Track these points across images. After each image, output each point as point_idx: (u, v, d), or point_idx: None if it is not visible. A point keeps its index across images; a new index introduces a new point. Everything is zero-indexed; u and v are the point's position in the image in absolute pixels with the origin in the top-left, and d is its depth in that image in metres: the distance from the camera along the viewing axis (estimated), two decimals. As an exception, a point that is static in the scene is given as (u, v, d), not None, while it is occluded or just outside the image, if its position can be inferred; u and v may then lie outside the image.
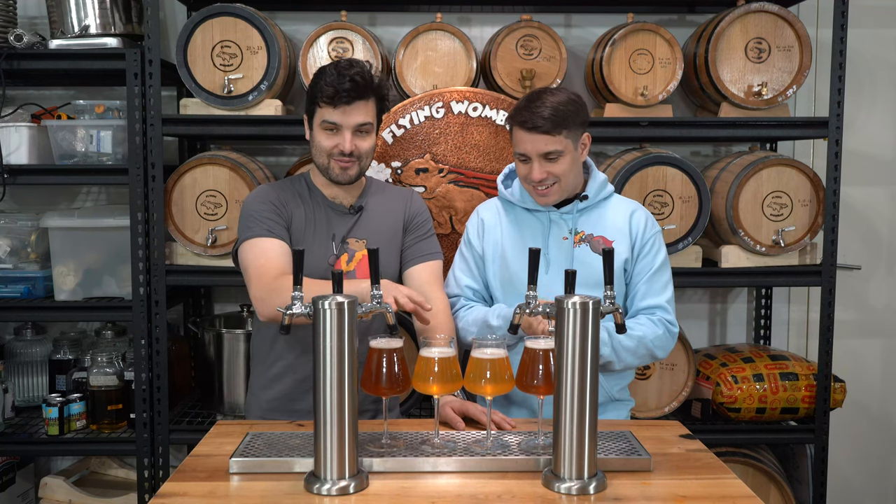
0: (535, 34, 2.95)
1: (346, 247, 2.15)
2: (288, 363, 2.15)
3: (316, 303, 1.53)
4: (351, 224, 2.17)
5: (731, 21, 2.88)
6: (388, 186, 2.35)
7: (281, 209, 2.12)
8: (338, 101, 2.03)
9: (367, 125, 2.08)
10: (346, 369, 1.53)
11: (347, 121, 2.05)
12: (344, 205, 2.19)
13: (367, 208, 2.20)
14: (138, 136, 2.79)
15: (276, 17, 3.26)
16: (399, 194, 2.28)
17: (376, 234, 2.17)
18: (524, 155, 2.05)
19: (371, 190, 2.26)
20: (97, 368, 2.88)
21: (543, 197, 2.09)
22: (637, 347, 2.06)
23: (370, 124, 2.09)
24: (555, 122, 1.99)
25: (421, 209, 2.27)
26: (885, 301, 3.56)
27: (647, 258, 2.12)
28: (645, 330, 2.07)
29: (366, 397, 1.92)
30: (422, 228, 2.24)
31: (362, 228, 2.18)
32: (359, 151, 2.09)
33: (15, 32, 2.78)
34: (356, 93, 2.03)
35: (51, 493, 2.96)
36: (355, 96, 2.03)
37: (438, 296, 2.15)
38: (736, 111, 2.93)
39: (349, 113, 2.04)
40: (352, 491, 1.53)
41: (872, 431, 3.59)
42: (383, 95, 2.13)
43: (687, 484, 1.59)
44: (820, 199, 2.91)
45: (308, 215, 2.16)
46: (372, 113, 2.09)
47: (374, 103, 2.09)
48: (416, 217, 2.24)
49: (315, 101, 2.08)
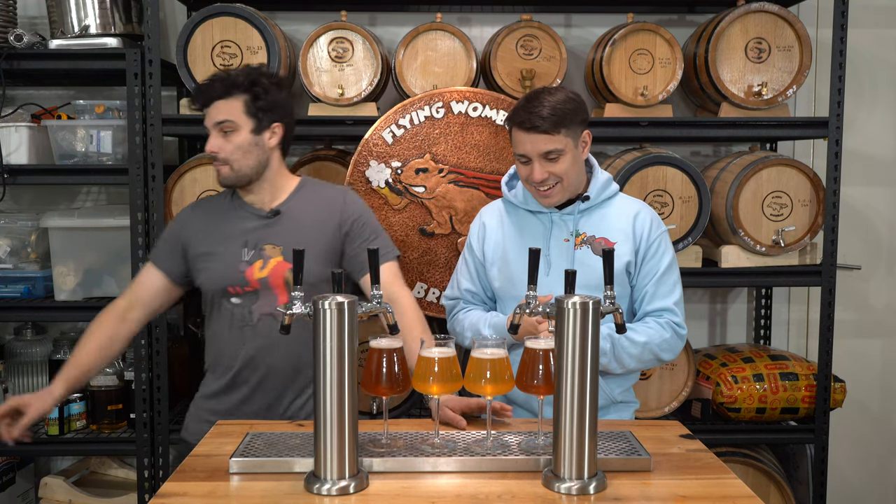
0: (535, 34, 2.95)
1: (262, 253, 2.11)
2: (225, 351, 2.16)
3: (316, 303, 1.53)
4: (266, 230, 2.13)
5: (731, 21, 2.88)
6: (321, 188, 2.25)
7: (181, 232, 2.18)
8: (199, 102, 2.09)
9: (228, 123, 2.05)
10: (346, 369, 1.53)
11: (209, 121, 2.07)
12: (263, 209, 2.15)
13: (287, 212, 2.14)
14: (138, 136, 2.79)
15: (276, 17, 3.26)
16: (329, 198, 2.19)
17: (296, 239, 2.07)
18: (524, 156, 2.04)
19: (301, 192, 2.19)
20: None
21: (546, 198, 2.08)
22: (642, 353, 2.05)
23: (230, 121, 2.05)
24: (553, 121, 1.98)
25: (358, 212, 2.19)
26: (885, 301, 3.56)
27: (653, 260, 2.10)
28: (651, 334, 2.05)
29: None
30: (366, 231, 2.18)
31: (279, 234, 2.12)
32: (224, 153, 2.06)
33: (15, 32, 2.78)
34: (212, 92, 2.05)
35: (51, 493, 2.96)
36: (213, 96, 2.05)
37: (403, 293, 2.14)
38: (736, 111, 2.93)
39: (210, 114, 2.07)
40: (352, 491, 1.53)
41: (872, 431, 3.59)
42: (255, 93, 2.07)
43: (687, 484, 1.59)
44: (820, 199, 2.91)
45: (223, 225, 2.15)
46: (236, 111, 2.06)
47: (241, 101, 2.06)
48: (354, 221, 2.17)
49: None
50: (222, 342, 2.15)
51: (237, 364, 2.13)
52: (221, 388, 2.16)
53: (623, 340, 2.02)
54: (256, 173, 2.12)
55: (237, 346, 2.13)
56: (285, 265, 2.09)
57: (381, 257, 2.10)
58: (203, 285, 2.17)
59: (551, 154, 2.01)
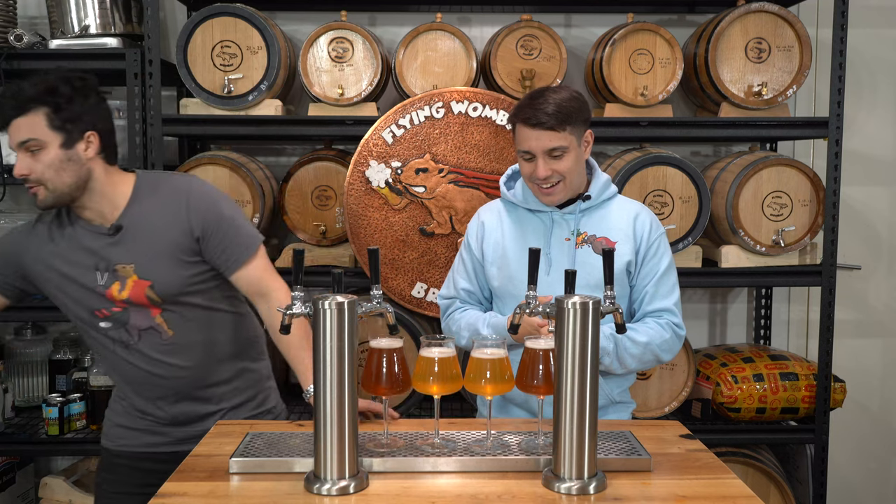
0: (535, 34, 2.95)
1: (116, 274, 1.94)
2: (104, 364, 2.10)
3: (316, 303, 1.53)
4: (113, 248, 1.94)
5: (731, 21, 2.88)
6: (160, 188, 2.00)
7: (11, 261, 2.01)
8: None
9: (32, 141, 1.84)
10: (346, 369, 1.53)
11: (12, 142, 1.86)
12: (103, 225, 1.96)
13: (130, 226, 1.95)
14: (138, 136, 2.79)
15: (276, 17, 3.26)
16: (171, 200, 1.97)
17: (145, 254, 1.94)
18: (528, 152, 2.04)
19: (138, 197, 1.97)
20: (97, 368, 2.88)
21: (548, 196, 2.07)
22: (643, 353, 2.05)
23: (35, 140, 1.84)
24: (559, 118, 1.98)
25: (207, 212, 1.96)
26: (885, 301, 3.56)
27: (652, 261, 2.10)
28: (652, 334, 2.05)
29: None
30: (221, 229, 1.97)
31: (127, 251, 1.94)
32: (35, 174, 1.86)
33: (15, 32, 2.78)
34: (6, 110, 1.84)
35: (51, 493, 2.96)
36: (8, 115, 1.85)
37: (276, 286, 2.02)
38: (736, 111, 2.93)
39: (11, 134, 1.86)
40: (352, 491, 1.53)
41: (872, 431, 3.59)
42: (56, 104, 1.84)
43: (687, 484, 1.59)
44: (820, 199, 2.91)
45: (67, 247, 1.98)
46: (39, 127, 1.84)
47: (43, 114, 1.84)
48: (207, 224, 1.95)
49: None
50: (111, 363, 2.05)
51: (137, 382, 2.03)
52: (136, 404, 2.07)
53: (625, 341, 2.02)
54: (78, 189, 1.90)
55: (126, 365, 2.01)
56: (143, 283, 1.94)
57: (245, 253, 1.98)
58: (64, 310, 2.05)
59: (556, 151, 2.01)
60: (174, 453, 1.99)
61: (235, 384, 2.09)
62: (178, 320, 1.99)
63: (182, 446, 1.99)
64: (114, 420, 2.12)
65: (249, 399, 2.12)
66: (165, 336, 1.98)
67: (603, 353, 2.00)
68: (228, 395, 2.08)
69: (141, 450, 2.06)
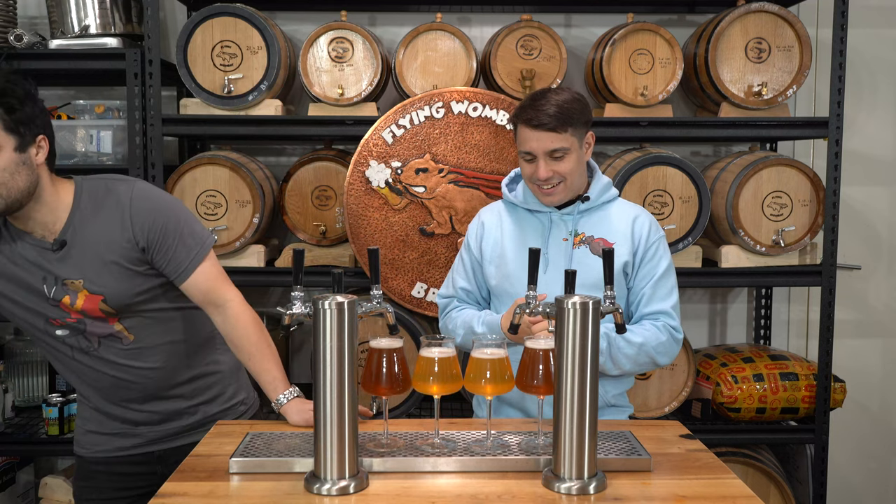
0: (535, 34, 2.95)
1: (66, 288, 1.87)
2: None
3: (316, 303, 1.53)
4: (59, 264, 1.86)
5: (731, 21, 2.88)
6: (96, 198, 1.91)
7: None
8: None
9: None
10: (346, 369, 1.53)
11: None
12: (46, 239, 1.87)
13: (74, 240, 1.87)
14: (138, 136, 2.79)
15: (276, 17, 3.26)
16: (113, 212, 1.88)
17: (92, 268, 1.87)
18: (529, 153, 2.04)
19: (79, 207, 1.88)
20: None
21: (548, 196, 2.08)
22: (637, 355, 2.04)
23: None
24: (560, 119, 1.99)
25: (149, 223, 1.88)
26: (885, 301, 3.56)
27: (651, 263, 2.10)
28: (647, 336, 2.04)
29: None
30: (167, 239, 1.89)
31: (74, 266, 1.87)
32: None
33: (15, 32, 2.78)
34: None
35: (51, 493, 2.96)
36: None
37: (231, 295, 1.95)
38: (736, 111, 2.94)
39: None
40: (352, 491, 1.53)
41: (872, 431, 3.59)
42: (9, 105, 1.74)
43: (687, 484, 1.59)
44: (820, 199, 2.91)
45: (13, 261, 1.88)
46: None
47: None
48: (150, 233, 1.88)
49: None
50: (71, 369, 1.97)
51: (103, 387, 1.97)
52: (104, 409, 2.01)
53: (619, 341, 2.02)
54: (27, 196, 1.80)
55: (89, 371, 1.95)
56: (95, 297, 1.88)
57: (193, 262, 1.91)
58: (15, 321, 1.96)
59: (557, 152, 2.01)
60: (149, 454, 2.00)
61: (203, 380, 2.05)
62: (137, 325, 1.94)
63: (156, 446, 2.00)
64: (84, 427, 2.06)
65: (219, 393, 2.08)
66: (127, 341, 1.94)
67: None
68: (198, 391, 2.04)
69: (115, 454, 2.02)
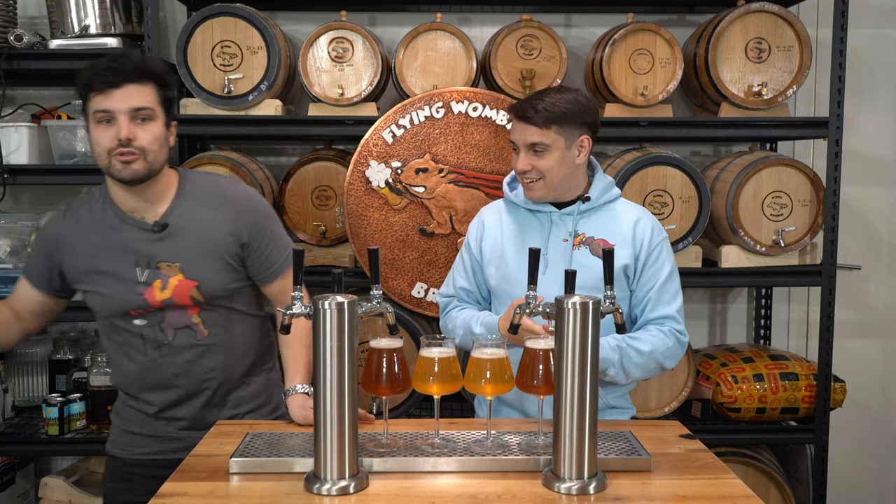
0: (535, 34, 2.95)
1: (159, 272, 1.90)
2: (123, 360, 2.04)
3: (316, 303, 1.53)
4: (157, 245, 1.91)
5: (731, 21, 2.88)
6: (205, 186, 2.00)
7: (54, 251, 1.97)
8: (105, 83, 1.80)
9: (147, 110, 1.83)
10: (346, 369, 1.53)
11: (120, 105, 1.80)
12: (146, 220, 1.92)
13: (176, 224, 1.92)
14: (138, 136, 2.78)
15: (276, 17, 3.26)
16: (219, 200, 1.98)
17: (191, 254, 1.92)
18: (514, 144, 2.09)
19: (184, 196, 1.96)
20: (97, 368, 2.88)
21: (529, 191, 2.10)
22: (647, 362, 2.03)
23: (150, 109, 1.83)
24: (546, 116, 2.00)
25: (254, 218, 1.98)
26: (885, 301, 3.56)
27: (654, 267, 2.09)
28: (655, 343, 2.04)
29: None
30: (265, 239, 1.99)
31: (173, 250, 1.91)
32: (140, 142, 1.82)
33: (15, 32, 2.78)
34: (122, 73, 1.80)
35: (51, 493, 2.96)
36: (124, 78, 1.80)
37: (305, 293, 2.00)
38: (736, 111, 2.93)
39: (121, 97, 1.80)
40: (352, 491, 1.53)
41: (872, 431, 3.59)
42: (164, 81, 1.87)
43: (687, 484, 1.59)
44: (820, 199, 2.91)
45: (103, 241, 1.93)
46: (152, 98, 1.84)
47: (154, 89, 1.85)
48: (254, 232, 1.98)
49: (85, 94, 1.84)
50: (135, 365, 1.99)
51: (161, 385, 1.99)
52: (153, 411, 2.03)
53: (630, 351, 2.01)
54: (159, 171, 1.89)
55: (155, 366, 1.97)
56: (188, 283, 1.92)
57: (282, 267, 2.01)
58: (95, 308, 1.99)
59: (537, 147, 2.03)
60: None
61: (253, 388, 2.10)
62: (214, 320, 1.98)
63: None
64: (124, 427, 2.08)
65: (264, 403, 2.12)
66: (200, 335, 1.97)
67: (608, 364, 1.99)
68: (247, 400, 2.08)
69: (154, 457, 2.03)
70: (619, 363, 2.01)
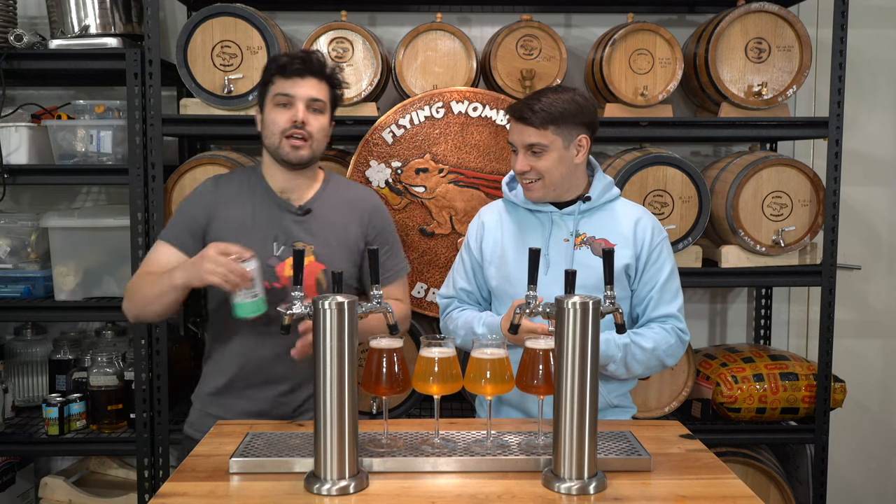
0: (535, 34, 2.95)
1: (290, 250, 2.03)
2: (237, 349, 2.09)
3: (316, 303, 1.53)
4: (297, 226, 2.09)
5: (731, 21, 2.88)
6: (347, 188, 2.23)
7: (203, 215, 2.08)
8: (290, 71, 2.02)
9: (320, 102, 2.05)
10: (346, 369, 1.53)
11: (300, 92, 2.03)
12: (293, 202, 2.11)
13: (318, 211, 2.11)
14: (138, 136, 2.79)
15: (276, 17, 3.26)
16: (359, 202, 2.18)
17: (326, 240, 2.09)
18: (512, 145, 2.09)
19: (329, 187, 2.17)
20: (97, 368, 2.88)
21: (528, 191, 2.11)
22: (649, 359, 2.05)
23: (322, 102, 2.06)
24: (544, 116, 2.00)
25: (386, 223, 2.20)
26: (885, 301, 3.56)
27: (655, 266, 2.10)
28: (658, 340, 2.05)
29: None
30: (387, 243, 2.19)
31: (310, 233, 2.09)
32: (311, 128, 2.04)
33: (15, 32, 2.77)
34: (308, 66, 2.03)
35: (51, 493, 2.96)
36: (308, 70, 2.03)
37: (401, 308, 2.18)
38: (736, 111, 2.93)
39: (302, 85, 2.03)
40: (352, 491, 1.53)
41: (872, 431, 3.59)
42: (336, 82, 2.10)
43: (687, 484, 1.59)
44: (820, 199, 2.91)
45: (250, 213, 2.09)
46: (325, 93, 2.07)
47: (328, 87, 2.08)
48: (381, 233, 2.18)
49: (268, 79, 2.06)
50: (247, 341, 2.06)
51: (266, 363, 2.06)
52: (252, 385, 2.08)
53: (633, 347, 2.02)
54: (317, 160, 2.13)
55: (264, 345, 2.05)
56: (317, 266, 2.07)
57: (397, 273, 2.19)
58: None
59: (535, 147, 2.03)
60: None
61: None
62: None
63: None
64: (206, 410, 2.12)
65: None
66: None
67: (608, 360, 2.00)
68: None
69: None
70: (622, 360, 2.02)
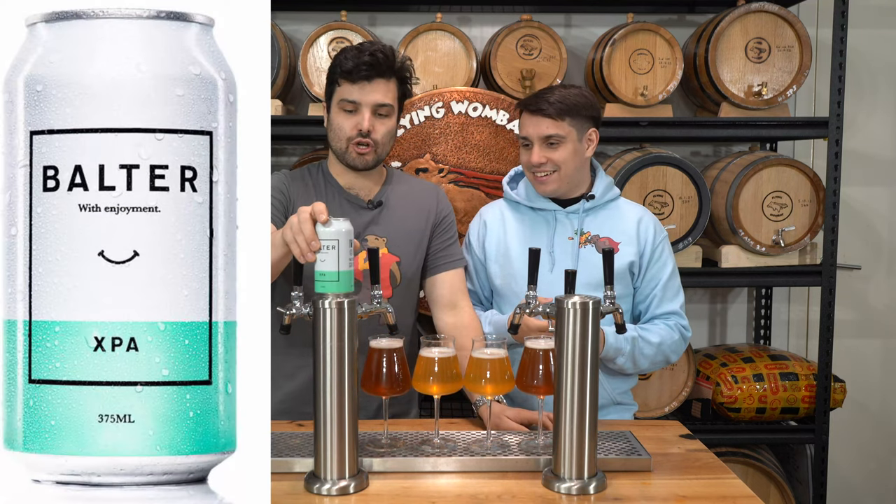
0: (535, 34, 2.95)
1: (365, 244, 2.04)
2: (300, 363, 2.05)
3: (316, 302, 1.53)
4: (369, 219, 2.06)
5: (731, 21, 2.88)
6: (411, 179, 2.24)
7: (282, 198, 2.03)
8: (356, 76, 1.94)
9: (387, 107, 1.98)
10: (346, 369, 1.53)
11: (367, 98, 1.96)
12: (361, 197, 2.08)
13: (389, 203, 2.09)
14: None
15: (276, 17, 3.26)
16: (426, 190, 2.17)
17: (398, 231, 2.08)
18: (526, 139, 2.09)
19: (393, 181, 2.14)
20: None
21: (542, 185, 2.10)
22: (655, 354, 2.09)
23: (389, 106, 1.99)
24: (560, 107, 2.03)
25: (449, 210, 2.17)
26: (885, 301, 3.56)
27: (657, 265, 2.14)
28: (663, 335, 2.09)
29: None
30: (450, 231, 2.15)
31: (382, 225, 2.07)
32: (376, 135, 1.98)
33: (15, 32, 2.77)
34: (376, 69, 1.94)
35: (51, 493, 2.96)
36: (375, 73, 1.94)
37: (467, 304, 2.12)
38: (736, 111, 2.94)
39: (368, 90, 1.95)
40: (352, 491, 1.53)
41: (872, 431, 3.59)
42: (405, 78, 2.03)
43: (687, 484, 1.59)
44: (820, 199, 2.91)
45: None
46: (392, 95, 1.99)
47: (396, 85, 2.00)
48: (445, 219, 2.15)
49: (334, 79, 1.99)
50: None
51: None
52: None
53: (640, 342, 2.06)
54: (382, 161, 2.08)
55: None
56: (391, 258, 2.06)
57: (456, 262, 2.14)
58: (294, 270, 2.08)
59: (552, 139, 2.04)
60: None
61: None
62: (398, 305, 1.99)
63: None
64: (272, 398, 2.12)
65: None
66: (383, 319, 1.98)
67: (617, 353, 2.03)
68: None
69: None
70: (630, 353, 2.05)
